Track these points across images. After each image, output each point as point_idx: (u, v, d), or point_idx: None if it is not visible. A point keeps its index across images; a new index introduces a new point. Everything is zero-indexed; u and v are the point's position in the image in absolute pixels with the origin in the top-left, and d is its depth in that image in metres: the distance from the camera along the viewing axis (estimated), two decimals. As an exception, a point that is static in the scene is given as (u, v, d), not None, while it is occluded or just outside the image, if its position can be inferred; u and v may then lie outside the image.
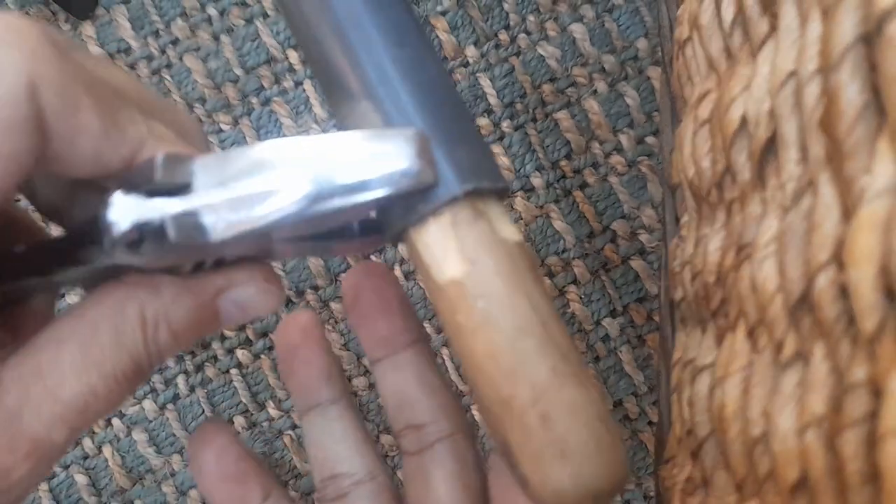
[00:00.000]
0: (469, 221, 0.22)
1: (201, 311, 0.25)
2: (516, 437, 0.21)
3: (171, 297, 0.24)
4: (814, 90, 0.22)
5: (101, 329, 0.23)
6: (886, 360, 0.19)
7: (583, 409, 0.21)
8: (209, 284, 0.25)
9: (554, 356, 0.21)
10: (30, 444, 0.22)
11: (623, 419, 0.52)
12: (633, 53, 0.54)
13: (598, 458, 0.21)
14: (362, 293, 0.29)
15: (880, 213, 0.19)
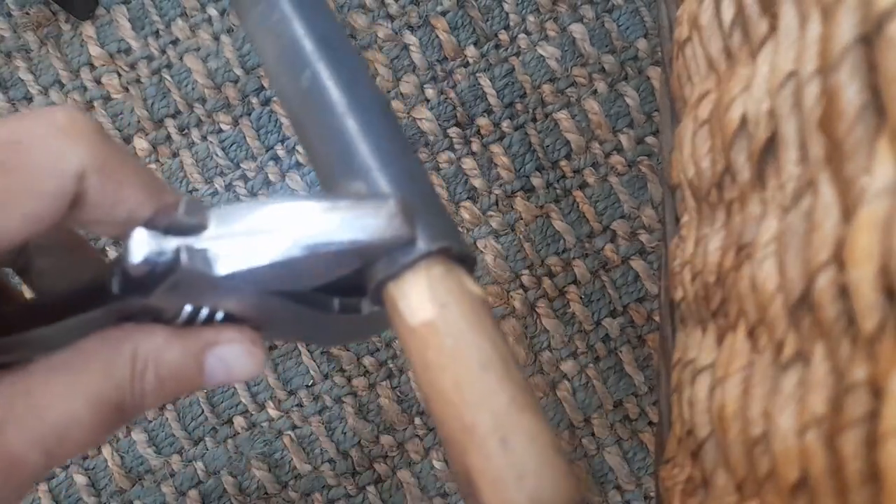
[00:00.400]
0: (440, 274, 0.24)
1: (189, 360, 0.26)
2: (477, 463, 0.22)
3: (163, 341, 0.25)
4: (813, 90, 0.22)
5: (93, 360, 0.24)
6: (886, 360, 0.19)
7: (539, 435, 0.23)
8: (200, 337, 0.26)
9: (512, 388, 0.23)
10: (6, 459, 0.22)
11: (623, 419, 0.52)
12: (633, 54, 0.54)
13: (553, 481, 0.22)
14: None
15: (880, 214, 0.19)
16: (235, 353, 0.27)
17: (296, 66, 0.28)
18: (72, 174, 0.23)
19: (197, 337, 0.26)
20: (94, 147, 0.24)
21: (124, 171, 0.24)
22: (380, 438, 0.52)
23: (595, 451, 0.52)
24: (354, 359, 0.53)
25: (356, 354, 0.53)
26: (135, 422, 0.52)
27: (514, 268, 0.53)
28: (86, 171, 0.23)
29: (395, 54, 0.55)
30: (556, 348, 0.52)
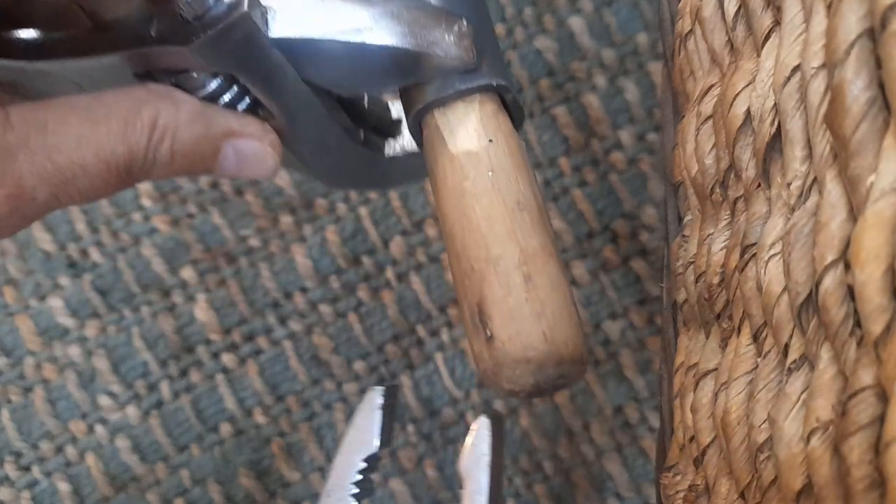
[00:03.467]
0: (493, 111, 0.25)
1: (206, 143, 0.27)
2: (496, 293, 0.23)
3: (186, 117, 0.26)
4: (818, 86, 0.22)
5: (113, 115, 0.25)
6: (893, 364, 0.18)
7: (562, 285, 0.24)
8: (223, 122, 0.27)
9: (544, 235, 0.24)
10: (14, 186, 0.24)
11: (623, 425, 0.51)
12: (633, 47, 0.54)
13: (569, 328, 0.23)
14: None
15: (887, 213, 0.19)
16: (253, 149, 0.28)
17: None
18: None
19: (220, 121, 0.27)
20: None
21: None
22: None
23: (594, 457, 0.51)
24: (344, 363, 0.53)
25: (346, 359, 0.53)
26: (118, 428, 0.52)
27: (513, 268, 0.53)
28: None
29: (392, 51, 0.54)
30: (555, 350, 0.52)
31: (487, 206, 0.24)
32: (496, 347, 0.23)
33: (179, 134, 0.26)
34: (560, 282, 0.24)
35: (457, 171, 0.25)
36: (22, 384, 0.52)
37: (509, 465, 0.51)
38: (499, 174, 0.24)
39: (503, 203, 0.24)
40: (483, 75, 0.25)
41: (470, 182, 0.24)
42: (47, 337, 0.52)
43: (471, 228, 0.24)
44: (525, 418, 0.51)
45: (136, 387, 0.52)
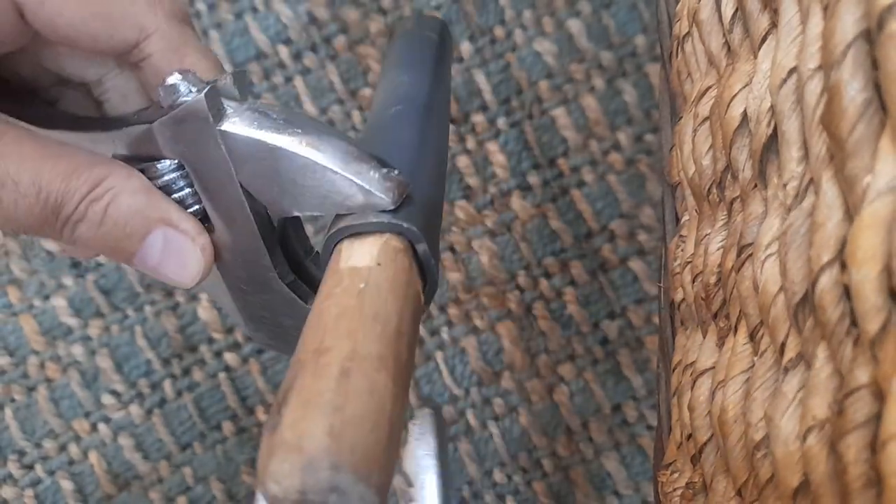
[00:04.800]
0: (396, 248, 0.25)
1: (140, 219, 0.27)
2: (305, 380, 0.21)
3: (132, 187, 0.27)
4: (815, 87, 0.22)
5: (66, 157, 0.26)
6: (889, 363, 0.18)
7: (382, 398, 0.21)
8: (164, 207, 0.27)
9: (389, 353, 0.22)
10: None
11: (621, 423, 0.51)
12: (631, 49, 0.54)
13: (368, 440, 0.20)
14: None
15: (883, 213, 0.19)
16: (182, 245, 0.27)
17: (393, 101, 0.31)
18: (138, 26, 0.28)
19: (162, 205, 0.27)
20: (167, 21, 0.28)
21: (187, 48, 0.29)
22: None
23: (593, 455, 0.51)
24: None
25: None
26: (121, 427, 0.52)
27: (510, 268, 0.53)
28: (151, 34, 0.28)
29: (390, 51, 0.54)
30: (553, 351, 0.52)
31: (343, 306, 0.23)
32: (276, 433, 0.20)
33: (119, 199, 0.26)
34: (384, 394, 0.21)
35: (334, 281, 0.24)
36: (25, 383, 0.52)
37: (509, 463, 0.51)
38: (370, 288, 0.23)
39: (359, 309, 0.23)
40: (400, 218, 0.25)
41: (340, 288, 0.24)
42: (51, 336, 0.52)
43: (318, 323, 0.23)
44: (524, 416, 0.51)
45: (139, 385, 0.52)
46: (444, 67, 0.34)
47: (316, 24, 0.54)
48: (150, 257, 0.27)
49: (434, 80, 0.32)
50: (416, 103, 0.31)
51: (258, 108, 0.26)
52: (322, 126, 0.26)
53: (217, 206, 0.28)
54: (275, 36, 0.54)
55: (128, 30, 0.28)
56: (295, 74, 0.54)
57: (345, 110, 0.54)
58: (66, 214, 0.26)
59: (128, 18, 0.28)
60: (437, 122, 0.31)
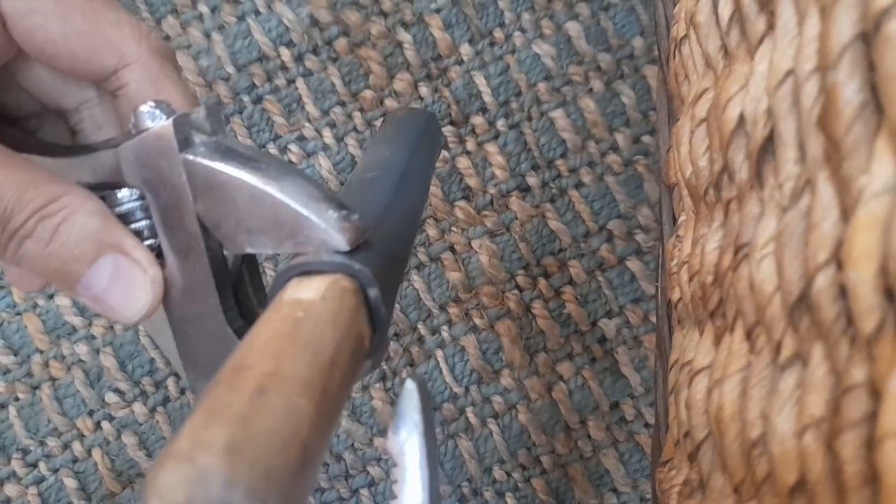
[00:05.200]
0: (345, 288, 0.24)
1: (92, 241, 0.26)
2: (218, 392, 0.19)
3: (88, 208, 0.26)
4: (812, 89, 0.22)
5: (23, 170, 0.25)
6: (885, 362, 0.19)
7: (298, 421, 0.19)
8: (118, 234, 0.26)
9: (316, 380, 0.21)
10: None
11: (619, 421, 0.52)
12: (629, 52, 0.54)
13: (273, 461, 0.18)
14: None
15: (879, 213, 0.19)
16: (131, 274, 0.26)
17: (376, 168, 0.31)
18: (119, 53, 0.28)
19: (116, 232, 0.26)
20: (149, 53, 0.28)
21: (166, 81, 0.29)
22: (373, 441, 0.52)
23: (591, 453, 0.51)
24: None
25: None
26: (125, 425, 0.52)
27: (510, 268, 0.53)
28: (132, 63, 0.28)
29: (389, 52, 0.54)
30: (552, 349, 0.52)
31: (275, 331, 0.22)
32: (170, 443, 0.18)
33: (72, 218, 0.25)
34: (300, 420, 0.19)
35: (272, 308, 0.23)
36: (29, 382, 0.52)
37: (508, 460, 0.51)
38: (309, 318, 0.22)
39: (292, 334, 0.21)
40: (354, 260, 0.24)
41: (277, 315, 0.22)
42: (55, 335, 0.52)
43: (245, 345, 0.21)
44: (523, 414, 0.51)
45: (143, 384, 0.52)
46: (425, 150, 0.34)
47: (317, 27, 0.54)
48: (95, 284, 0.26)
49: (413, 156, 0.32)
50: (391, 171, 0.31)
51: (225, 143, 0.26)
52: (287, 165, 0.26)
53: (172, 238, 0.27)
54: (277, 38, 0.55)
55: (109, 55, 0.28)
56: (297, 76, 0.54)
57: (346, 112, 0.54)
58: (13, 227, 0.25)
59: (110, 43, 0.28)
60: (411, 191, 0.31)
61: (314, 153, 0.54)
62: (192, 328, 0.28)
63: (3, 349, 0.52)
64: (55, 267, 0.26)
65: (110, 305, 0.26)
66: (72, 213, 0.25)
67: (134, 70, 0.28)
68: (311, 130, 0.54)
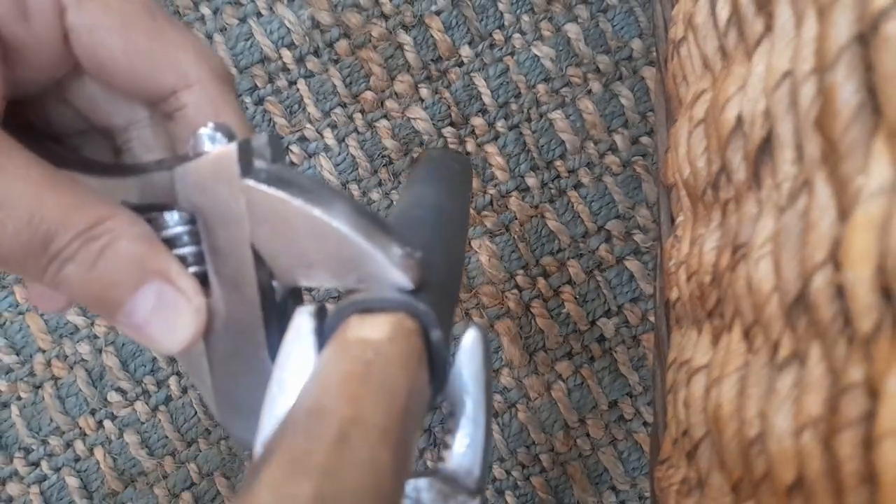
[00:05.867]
0: (409, 329, 0.23)
1: (136, 268, 0.24)
2: (295, 439, 0.18)
3: (134, 233, 0.24)
4: (809, 90, 0.22)
5: (70, 192, 0.24)
6: (883, 361, 0.19)
7: (382, 474, 0.18)
8: (164, 260, 0.25)
9: (394, 427, 0.20)
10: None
11: (618, 420, 0.52)
12: (628, 53, 0.54)
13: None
14: None
15: (876, 213, 0.19)
16: (176, 304, 0.25)
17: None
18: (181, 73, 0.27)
19: (162, 258, 0.25)
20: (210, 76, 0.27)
21: (226, 106, 0.28)
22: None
23: (590, 451, 0.52)
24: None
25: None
26: (127, 424, 0.52)
27: (509, 268, 0.53)
28: (192, 84, 0.27)
29: (390, 53, 0.55)
30: (551, 348, 0.52)
31: (348, 372, 0.20)
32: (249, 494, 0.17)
33: (117, 243, 0.24)
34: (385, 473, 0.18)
35: (338, 346, 0.22)
36: (32, 381, 0.52)
37: (508, 459, 0.51)
38: (380, 359, 0.21)
39: (366, 376, 0.20)
40: (420, 300, 0.23)
41: (346, 354, 0.21)
42: (57, 335, 0.53)
43: (317, 385, 0.20)
44: (523, 413, 0.52)
45: (145, 383, 0.52)
46: (464, 192, 0.34)
47: (319, 29, 0.55)
48: (138, 312, 0.25)
49: (454, 197, 0.32)
50: (437, 211, 0.30)
51: (287, 172, 0.25)
52: (349, 198, 0.25)
53: (221, 268, 0.26)
54: (279, 40, 0.55)
55: (170, 75, 0.27)
56: (298, 78, 0.54)
57: (347, 113, 0.54)
58: (56, 249, 0.24)
59: (173, 64, 0.27)
60: (457, 231, 0.30)
61: (315, 154, 0.54)
62: (232, 362, 0.27)
63: (6, 348, 0.52)
64: (96, 292, 0.24)
65: (151, 335, 0.25)
66: (117, 237, 0.24)
67: (194, 92, 0.27)
68: (312, 132, 0.54)
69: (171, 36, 0.27)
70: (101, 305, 0.25)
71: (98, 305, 0.25)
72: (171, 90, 0.27)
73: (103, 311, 0.25)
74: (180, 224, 0.26)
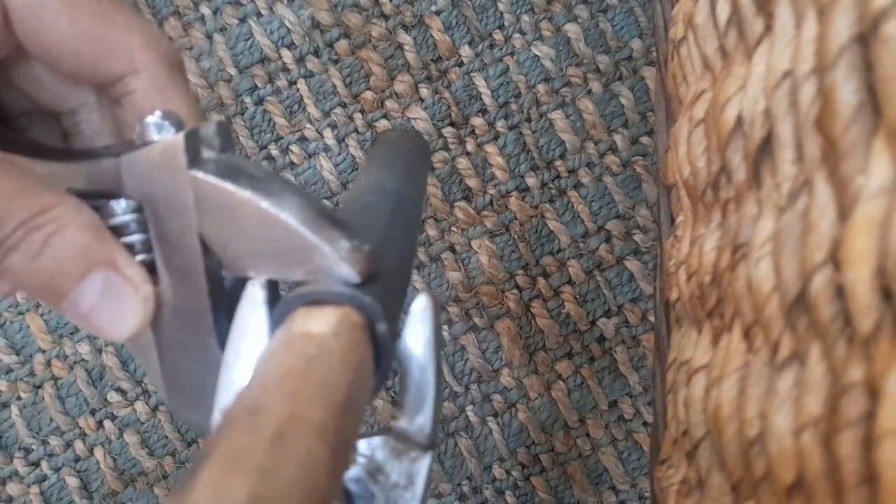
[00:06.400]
0: (355, 323, 0.23)
1: (83, 257, 0.24)
2: (233, 437, 0.18)
3: (81, 222, 0.24)
4: (809, 90, 0.22)
5: (15, 178, 0.23)
6: (883, 361, 0.19)
7: (317, 471, 0.19)
8: (111, 249, 0.25)
9: (332, 424, 0.20)
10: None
11: (618, 420, 0.52)
12: (628, 53, 0.54)
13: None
14: None
15: (876, 213, 0.19)
16: (122, 292, 0.25)
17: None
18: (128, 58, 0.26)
19: (109, 247, 0.25)
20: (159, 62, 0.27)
21: (174, 91, 0.27)
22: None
23: (590, 451, 0.52)
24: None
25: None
26: (127, 424, 0.52)
27: (509, 268, 0.53)
28: (140, 70, 0.27)
29: (390, 53, 0.55)
30: (551, 348, 0.52)
31: (288, 367, 0.21)
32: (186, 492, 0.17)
33: (63, 232, 0.24)
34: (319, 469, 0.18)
35: (282, 341, 0.22)
36: (31, 381, 0.52)
37: (508, 459, 0.51)
38: (322, 355, 0.21)
39: (306, 373, 0.20)
40: (364, 293, 0.23)
41: (288, 350, 0.21)
42: (57, 334, 0.53)
43: (257, 383, 0.20)
44: (523, 413, 0.52)
45: (145, 383, 0.52)
46: (419, 173, 0.34)
47: (319, 29, 0.55)
48: (83, 302, 0.24)
49: (408, 180, 0.32)
50: (388, 195, 0.30)
51: (236, 162, 0.25)
52: (298, 189, 0.24)
53: (169, 256, 0.26)
54: (279, 40, 0.55)
55: (117, 60, 0.27)
56: (298, 78, 0.54)
57: (347, 113, 0.54)
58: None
59: (119, 48, 0.26)
60: (409, 215, 0.30)
61: (315, 154, 0.54)
62: (181, 350, 0.27)
63: (6, 348, 0.52)
64: (41, 282, 0.24)
65: (98, 324, 0.25)
66: (62, 226, 0.24)
67: (141, 78, 0.27)
68: (312, 132, 0.54)
69: (117, 19, 0.27)
70: (46, 295, 0.25)
71: (43, 295, 0.25)
72: (119, 75, 0.27)
73: (49, 300, 0.25)
74: (128, 212, 0.26)
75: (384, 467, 0.24)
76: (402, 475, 0.24)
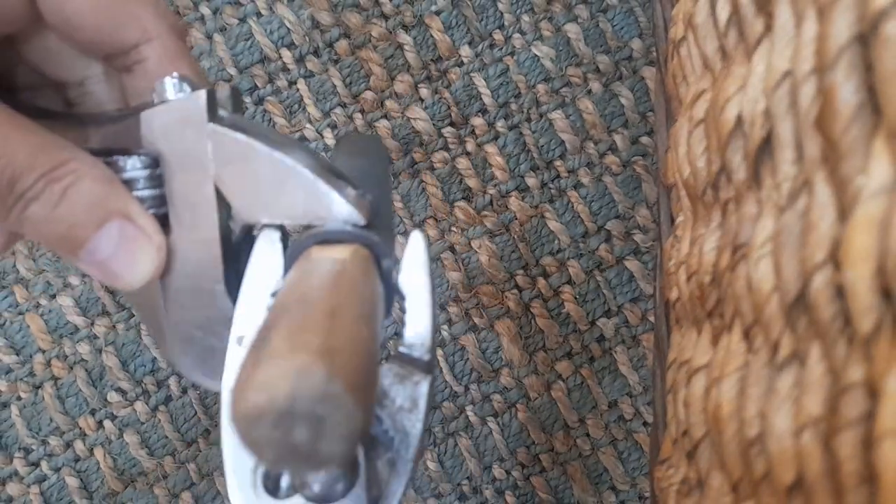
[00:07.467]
0: (364, 256, 0.25)
1: (99, 207, 0.26)
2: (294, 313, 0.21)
3: (96, 174, 0.26)
4: (809, 90, 0.22)
5: (33, 135, 0.25)
6: (883, 361, 0.19)
7: (367, 343, 0.21)
8: (125, 200, 0.26)
9: (368, 317, 0.22)
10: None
11: (618, 420, 0.52)
12: (628, 53, 0.54)
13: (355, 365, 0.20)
14: None
15: (876, 213, 0.19)
16: (137, 241, 0.26)
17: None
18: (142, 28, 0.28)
19: (123, 198, 0.26)
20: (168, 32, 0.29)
21: (183, 59, 0.29)
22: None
23: (590, 451, 0.52)
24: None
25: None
26: (127, 424, 0.52)
27: (509, 268, 0.53)
28: (152, 39, 0.28)
29: (390, 53, 0.55)
30: (551, 348, 0.52)
31: (321, 277, 0.23)
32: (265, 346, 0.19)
33: (80, 183, 0.25)
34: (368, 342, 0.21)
35: (307, 264, 0.24)
36: (31, 381, 0.52)
37: (508, 459, 0.52)
38: (347, 270, 0.24)
39: (338, 280, 0.23)
40: (373, 233, 0.26)
41: (316, 266, 0.24)
42: (57, 335, 0.53)
43: (296, 286, 0.23)
44: (523, 413, 0.52)
45: (145, 383, 0.52)
46: (385, 173, 0.36)
47: (319, 29, 0.55)
48: (100, 250, 0.26)
49: (379, 174, 0.34)
50: (371, 176, 0.31)
51: (248, 122, 0.27)
52: (307, 147, 0.27)
53: (182, 207, 0.27)
54: (278, 40, 0.55)
55: (132, 29, 0.28)
56: (298, 78, 0.54)
57: (347, 113, 0.54)
58: (20, 189, 0.25)
59: (134, 18, 0.28)
60: (388, 185, 0.34)
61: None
62: (189, 299, 0.29)
63: (6, 348, 0.53)
64: (60, 231, 0.26)
65: (114, 270, 0.26)
66: (79, 177, 0.25)
67: (154, 46, 0.29)
68: (312, 131, 0.54)
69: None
70: (64, 244, 0.26)
71: (61, 244, 0.26)
72: (134, 44, 0.29)
73: (66, 250, 0.26)
74: (137, 168, 0.27)
75: (389, 392, 0.25)
76: (407, 399, 0.25)
